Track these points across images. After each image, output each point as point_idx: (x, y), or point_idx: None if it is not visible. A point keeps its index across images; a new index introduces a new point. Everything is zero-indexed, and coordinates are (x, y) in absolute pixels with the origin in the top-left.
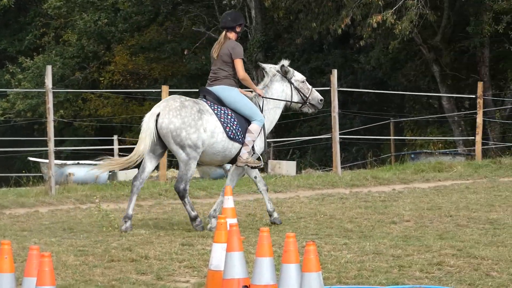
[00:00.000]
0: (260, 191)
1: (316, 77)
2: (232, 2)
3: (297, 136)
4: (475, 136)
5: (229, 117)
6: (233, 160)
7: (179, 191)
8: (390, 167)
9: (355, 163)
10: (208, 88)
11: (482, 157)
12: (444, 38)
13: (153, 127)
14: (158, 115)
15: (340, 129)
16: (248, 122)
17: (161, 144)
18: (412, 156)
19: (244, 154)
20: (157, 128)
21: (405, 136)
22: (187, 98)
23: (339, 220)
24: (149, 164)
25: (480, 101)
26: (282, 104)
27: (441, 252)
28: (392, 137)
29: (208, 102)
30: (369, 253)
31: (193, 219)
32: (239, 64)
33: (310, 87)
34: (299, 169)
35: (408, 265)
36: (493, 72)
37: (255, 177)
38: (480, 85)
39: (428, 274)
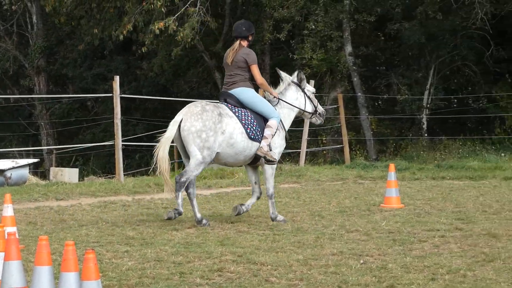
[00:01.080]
0: (252, 194)
1: (99, 84)
2: (12, 7)
3: (79, 143)
4: None
5: (250, 118)
6: (254, 160)
7: (178, 182)
8: (173, 174)
9: (138, 170)
10: (228, 91)
11: None
12: (225, 45)
13: (173, 133)
14: (180, 122)
15: (123, 136)
16: (265, 121)
17: (181, 148)
18: None
19: (264, 146)
20: (179, 132)
21: None
22: (208, 102)
23: (121, 227)
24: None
25: None
26: (294, 112)
27: (221, 258)
28: (174, 144)
29: (229, 105)
30: (150, 260)
31: (179, 213)
32: (256, 70)
33: (316, 100)
34: (81, 176)
35: (189, 272)
36: (274, 79)
37: (255, 182)
38: (261, 92)
39: (208, 281)
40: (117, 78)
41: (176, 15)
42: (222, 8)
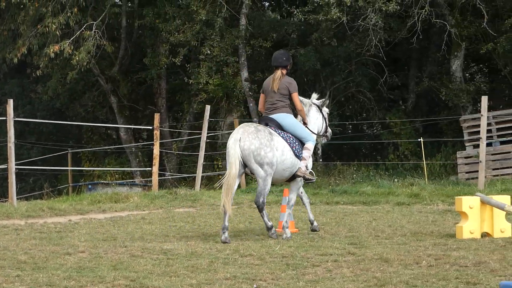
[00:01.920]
0: (304, 204)
1: None
2: None
3: None
4: (152, 167)
5: (291, 139)
6: (291, 178)
7: (259, 205)
8: (67, 198)
9: (32, 193)
10: (269, 116)
11: (159, 188)
12: (121, 69)
13: (239, 151)
14: (239, 140)
15: (16, 160)
16: (302, 143)
17: (242, 165)
18: (89, 186)
19: (303, 167)
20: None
21: (83, 166)
22: (256, 124)
23: (12, 251)
24: (235, 185)
25: (156, 133)
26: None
27: (114, 283)
28: (69, 168)
29: (272, 127)
30: (42, 285)
31: (269, 228)
32: (297, 98)
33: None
34: None
35: None
36: (170, 103)
37: (301, 192)
38: (156, 116)
39: None
40: (10, 101)
41: (71, 39)
42: (118, 32)
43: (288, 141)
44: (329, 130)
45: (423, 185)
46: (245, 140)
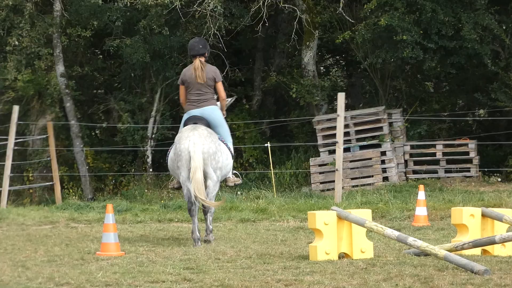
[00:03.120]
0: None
1: None
2: None
3: None
4: None
5: (224, 142)
6: None
7: (204, 207)
8: None
9: None
10: (198, 110)
11: None
12: None
13: (200, 155)
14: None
15: None
16: None
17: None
18: None
19: (231, 175)
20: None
21: None
22: (204, 126)
23: None
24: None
25: None
26: None
27: None
28: None
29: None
30: None
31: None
32: (222, 86)
33: None
34: None
35: None
36: None
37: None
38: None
39: None
40: None
41: None
42: None
43: (226, 143)
44: None
45: (271, 198)
46: (203, 144)
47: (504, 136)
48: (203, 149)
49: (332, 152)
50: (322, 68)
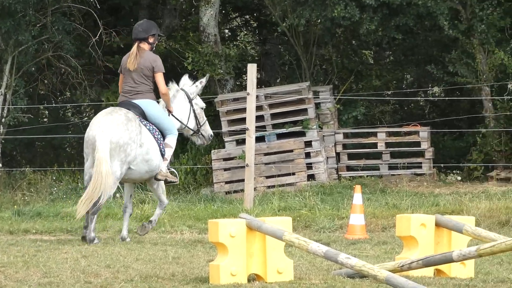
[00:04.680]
0: (124, 212)
1: None
2: None
3: None
4: None
5: (157, 133)
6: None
7: (96, 206)
8: None
9: None
10: (132, 101)
11: None
12: None
13: (107, 145)
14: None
15: None
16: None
17: None
18: None
19: (164, 168)
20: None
21: None
22: (127, 110)
23: None
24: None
25: None
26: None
27: None
28: None
29: (138, 116)
30: None
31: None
32: (161, 78)
33: (205, 118)
34: None
35: None
36: None
37: (130, 196)
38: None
39: None
40: None
41: None
42: None
43: (156, 137)
44: (209, 130)
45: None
46: (113, 132)
47: (465, 122)
48: (112, 139)
49: (241, 142)
50: (227, 31)
